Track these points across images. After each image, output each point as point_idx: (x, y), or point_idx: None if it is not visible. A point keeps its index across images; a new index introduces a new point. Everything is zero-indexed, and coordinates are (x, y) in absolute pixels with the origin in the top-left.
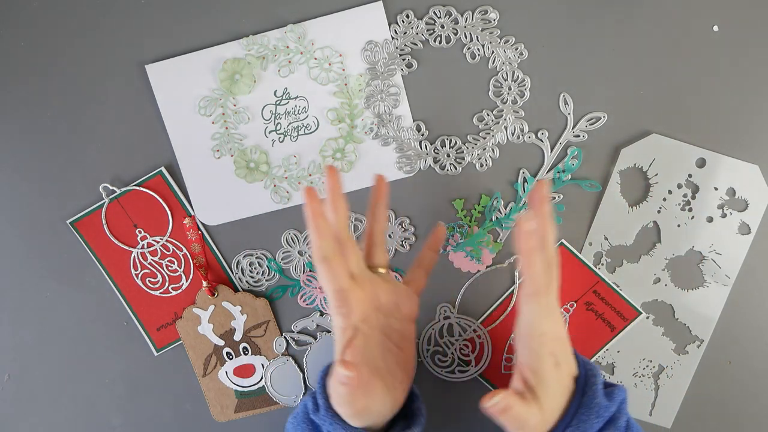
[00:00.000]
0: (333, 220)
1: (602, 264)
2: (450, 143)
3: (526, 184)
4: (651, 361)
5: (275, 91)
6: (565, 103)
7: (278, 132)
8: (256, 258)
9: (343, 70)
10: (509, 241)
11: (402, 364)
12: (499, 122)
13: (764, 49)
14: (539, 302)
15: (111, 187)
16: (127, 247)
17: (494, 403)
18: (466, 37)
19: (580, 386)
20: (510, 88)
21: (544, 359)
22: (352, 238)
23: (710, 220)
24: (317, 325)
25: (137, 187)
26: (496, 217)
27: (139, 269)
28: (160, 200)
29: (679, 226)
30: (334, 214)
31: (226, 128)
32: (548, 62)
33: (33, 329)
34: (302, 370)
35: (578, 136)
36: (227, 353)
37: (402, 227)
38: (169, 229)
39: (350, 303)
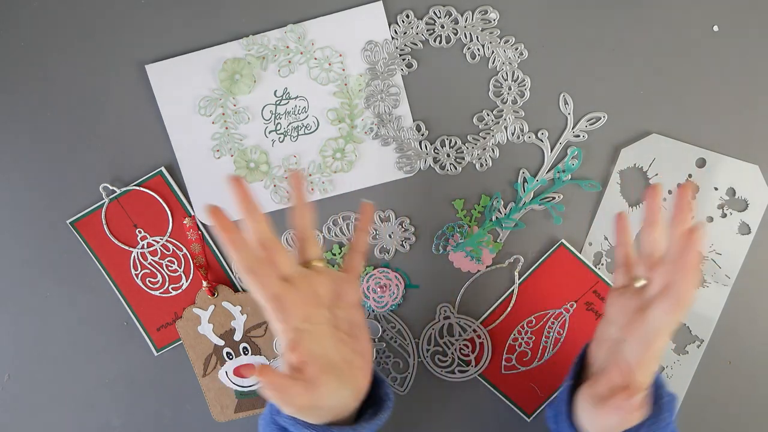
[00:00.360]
0: (253, 229)
1: (602, 264)
2: (450, 143)
3: (526, 184)
4: None
5: (275, 91)
6: (565, 103)
7: (278, 132)
8: None
9: (343, 70)
10: (509, 241)
11: (358, 351)
12: (499, 122)
13: (764, 49)
14: (681, 314)
15: (111, 187)
16: (127, 247)
17: (634, 402)
18: (466, 37)
19: (658, 392)
20: (510, 88)
21: (656, 361)
22: (278, 241)
23: (710, 220)
24: None
25: (137, 187)
26: (496, 217)
27: (139, 269)
28: (160, 200)
29: None
30: (252, 223)
31: (226, 128)
32: (548, 62)
33: (33, 329)
34: None
35: (578, 136)
36: (227, 353)
37: (402, 227)
38: (169, 229)
39: (287, 308)
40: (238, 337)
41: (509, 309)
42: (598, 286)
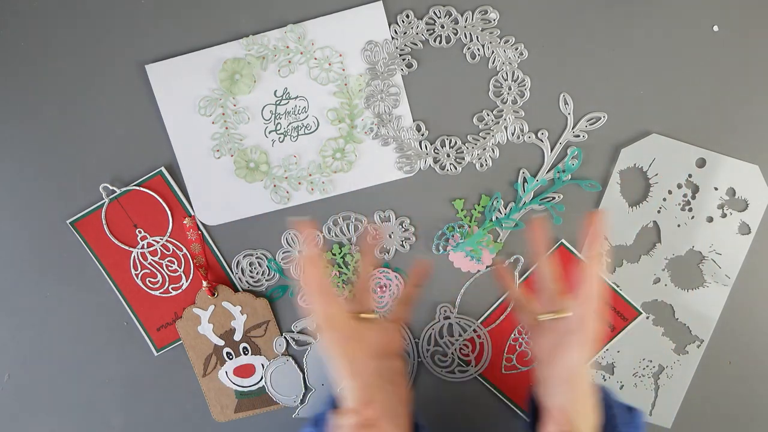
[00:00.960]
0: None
1: (602, 264)
2: (450, 143)
3: (526, 184)
4: (651, 361)
5: (275, 91)
6: (565, 103)
7: (278, 132)
8: (256, 258)
9: (343, 70)
10: (509, 241)
11: (400, 398)
12: (499, 122)
13: (764, 49)
14: (590, 349)
15: (111, 187)
16: (127, 247)
17: None
18: (466, 37)
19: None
20: (510, 88)
21: (586, 403)
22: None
23: (710, 220)
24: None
25: (137, 187)
26: (496, 217)
27: (139, 269)
28: (160, 200)
29: (679, 226)
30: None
31: (226, 128)
32: (548, 62)
33: (33, 329)
34: (302, 370)
35: (578, 136)
36: (227, 353)
37: (402, 227)
38: (169, 229)
39: (356, 362)
40: (238, 337)
41: (509, 309)
42: None
